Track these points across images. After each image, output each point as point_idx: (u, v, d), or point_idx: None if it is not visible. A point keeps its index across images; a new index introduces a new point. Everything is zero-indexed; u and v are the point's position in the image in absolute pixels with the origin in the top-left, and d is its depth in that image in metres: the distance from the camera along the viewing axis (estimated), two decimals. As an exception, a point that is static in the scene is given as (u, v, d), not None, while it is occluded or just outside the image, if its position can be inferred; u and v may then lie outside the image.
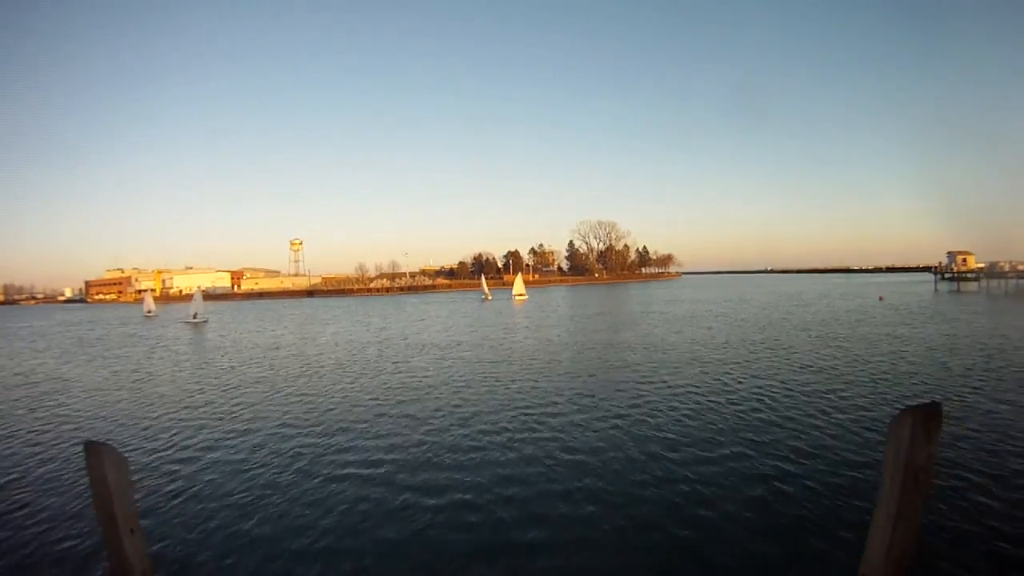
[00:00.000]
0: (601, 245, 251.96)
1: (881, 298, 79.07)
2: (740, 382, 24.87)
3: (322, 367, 34.56)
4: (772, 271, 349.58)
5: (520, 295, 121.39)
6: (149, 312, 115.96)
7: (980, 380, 23.41)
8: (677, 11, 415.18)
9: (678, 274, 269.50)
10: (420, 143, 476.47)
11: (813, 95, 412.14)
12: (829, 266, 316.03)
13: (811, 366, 28.09)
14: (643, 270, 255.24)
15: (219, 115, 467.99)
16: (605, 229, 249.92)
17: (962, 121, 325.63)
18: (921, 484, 3.33)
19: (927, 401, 4.30)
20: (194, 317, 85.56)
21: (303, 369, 34.13)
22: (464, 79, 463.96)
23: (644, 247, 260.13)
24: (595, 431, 18.07)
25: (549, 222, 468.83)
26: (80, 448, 4.29)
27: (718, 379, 25.83)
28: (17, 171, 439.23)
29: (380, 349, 42.34)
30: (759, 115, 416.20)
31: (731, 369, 28.15)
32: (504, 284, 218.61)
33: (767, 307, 71.46)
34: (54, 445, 19.53)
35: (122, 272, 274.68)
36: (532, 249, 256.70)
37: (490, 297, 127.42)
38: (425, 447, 17.08)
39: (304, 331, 64.46)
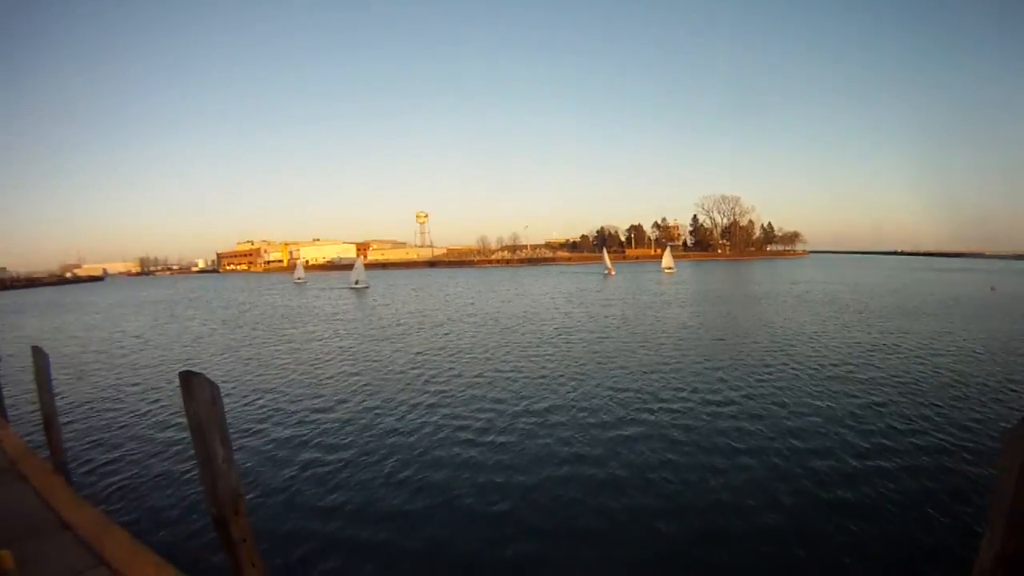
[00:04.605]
0: (725, 220, 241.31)
1: (993, 288, 67.52)
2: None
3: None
4: (902, 253, 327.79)
5: (669, 268, 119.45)
6: (299, 279, 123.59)
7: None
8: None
9: (804, 252, 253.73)
10: (543, 116, 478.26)
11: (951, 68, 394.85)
12: (962, 250, 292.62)
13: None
14: (768, 247, 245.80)
15: (350, 94, 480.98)
16: (729, 204, 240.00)
17: None
18: None
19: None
20: (356, 283, 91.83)
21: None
22: (580, 51, 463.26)
23: (769, 223, 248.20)
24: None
25: (673, 195, 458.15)
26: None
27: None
28: (149, 148, 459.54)
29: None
30: (891, 89, 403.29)
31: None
32: (626, 258, 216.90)
33: (864, 292, 64.34)
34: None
35: (252, 244, 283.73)
36: (656, 223, 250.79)
37: (613, 272, 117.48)
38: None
39: (438, 299, 69.59)
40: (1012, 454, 3.40)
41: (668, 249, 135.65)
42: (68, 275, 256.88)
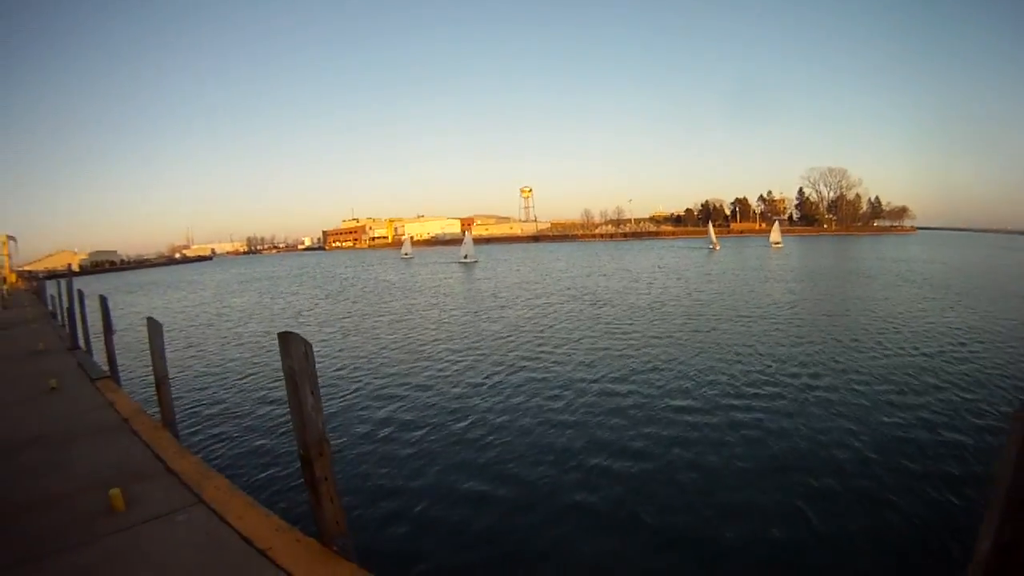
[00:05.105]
0: (832, 194, 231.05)
1: None
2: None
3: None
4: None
5: (777, 243, 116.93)
6: (406, 254, 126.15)
7: None
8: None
9: (913, 229, 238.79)
10: (646, 90, 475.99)
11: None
12: None
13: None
14: (875, 222, 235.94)
15: (454, 71, 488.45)
16: (836, 177, 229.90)
17: None
18: None
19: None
20: (465, 258, 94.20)
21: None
22: (676, 24, 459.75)
23: (876, 198, 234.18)
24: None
25: (778, 168, 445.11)
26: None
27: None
28: (257, 130, 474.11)
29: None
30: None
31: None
32: (731, 232, 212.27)
33: (971, 273, 57.92)
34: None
35: (357, 221, 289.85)
36: (761, 196, 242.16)
37: (718, 246, 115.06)
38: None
39: (538, 273, 70.93)
40: (1011, 438, 3.26)
41: (776, 224, 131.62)
42: (177, 256, 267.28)
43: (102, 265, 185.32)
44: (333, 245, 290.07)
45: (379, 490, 11.42)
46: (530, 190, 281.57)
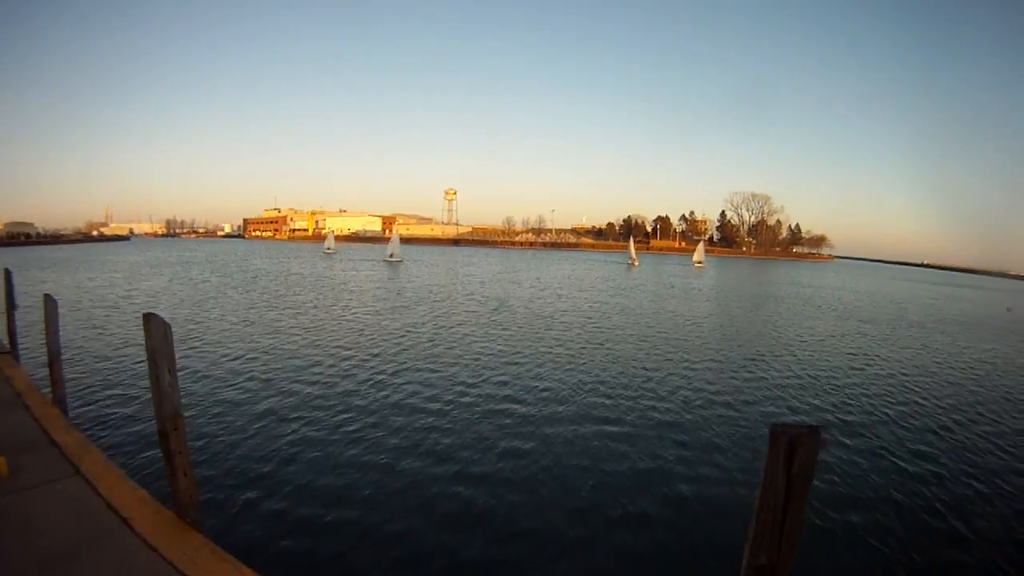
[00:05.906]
0: (753, 218, 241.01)
1: (1009, 309, 67.18)
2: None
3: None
4: (928, 265, 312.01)
5: (699, 263, 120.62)
6: (328, 249, 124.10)
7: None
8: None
9: (830, 257, 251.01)
10: (574, 102, 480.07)
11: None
12: (988, 268, 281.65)
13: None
14: (794, 249, 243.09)
15: (382, 67, 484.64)
16: (758, 202, 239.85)
17: None
18: (792, 505, 3.49)
19: (806, 422, 4.39)
20: (391, 257, 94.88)
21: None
22: (614, 41, 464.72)
23: (797, 225, 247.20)
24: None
25: (702, 189, 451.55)
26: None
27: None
28: (182, 111, 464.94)
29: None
30: (934, 100, 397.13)
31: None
32: (650, 249, 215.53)
33: (874, 301, 64.38)
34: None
35: (279, 212, 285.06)
36: (683, 216, 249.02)
37: (637, 262, 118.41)
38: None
39: (452, 276, 72.04)
40: (767, 459, 3.53)
41: (701, 244, 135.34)
42: (95, 233, 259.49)
43: (17, 237, 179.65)
44: (253, 234, 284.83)
45: (237, 467, 12.25)
46: (455, 192, 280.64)
